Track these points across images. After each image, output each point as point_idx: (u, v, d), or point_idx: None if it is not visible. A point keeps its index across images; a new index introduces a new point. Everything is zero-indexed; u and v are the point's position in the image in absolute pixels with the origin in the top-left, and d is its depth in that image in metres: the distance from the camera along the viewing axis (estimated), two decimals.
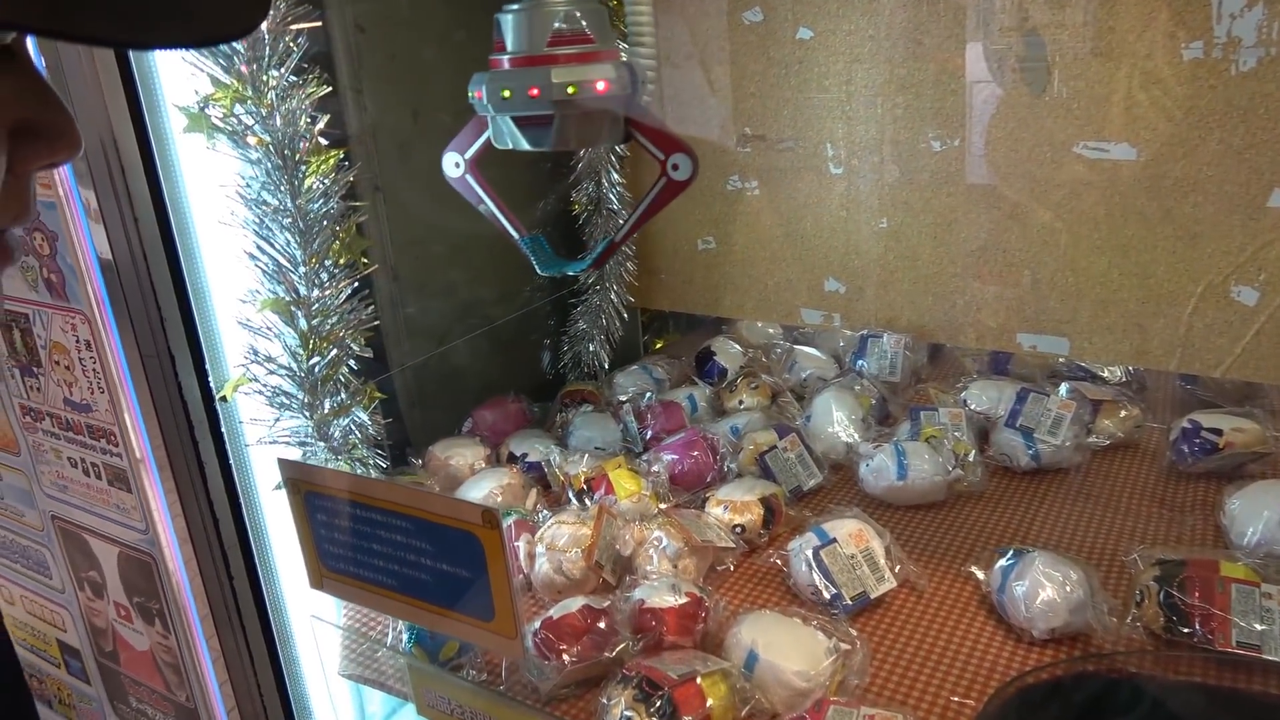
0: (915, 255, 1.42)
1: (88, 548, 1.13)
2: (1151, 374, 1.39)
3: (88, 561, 1.15)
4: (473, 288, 1.47)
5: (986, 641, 0.93)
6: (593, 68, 0.82)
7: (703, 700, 0.79)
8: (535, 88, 0.81)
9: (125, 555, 1.08)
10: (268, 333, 0.85)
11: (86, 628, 1.22)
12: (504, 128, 0.85)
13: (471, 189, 0.97)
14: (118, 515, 1.04)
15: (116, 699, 1.25)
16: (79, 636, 1.25)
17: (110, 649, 1.21)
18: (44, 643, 1.32)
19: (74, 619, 1.23)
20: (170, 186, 0.80)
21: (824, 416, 1.29)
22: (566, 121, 0.83)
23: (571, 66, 0.81)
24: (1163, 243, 1.23)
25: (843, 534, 0.99)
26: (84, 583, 1.19)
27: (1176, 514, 1.11)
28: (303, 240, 0.81)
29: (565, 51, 0.82)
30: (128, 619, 1.14)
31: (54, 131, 0.38)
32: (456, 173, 0.97)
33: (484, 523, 0.70)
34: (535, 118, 0.83)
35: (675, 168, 0.87)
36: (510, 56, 0.82)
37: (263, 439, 0.86)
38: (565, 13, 0.82)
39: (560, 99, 0.80)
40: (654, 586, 0.93)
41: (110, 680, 1.24)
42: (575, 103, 0.81)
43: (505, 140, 0.86)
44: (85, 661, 1.27)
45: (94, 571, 1.15)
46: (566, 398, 1.49)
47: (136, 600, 1.10)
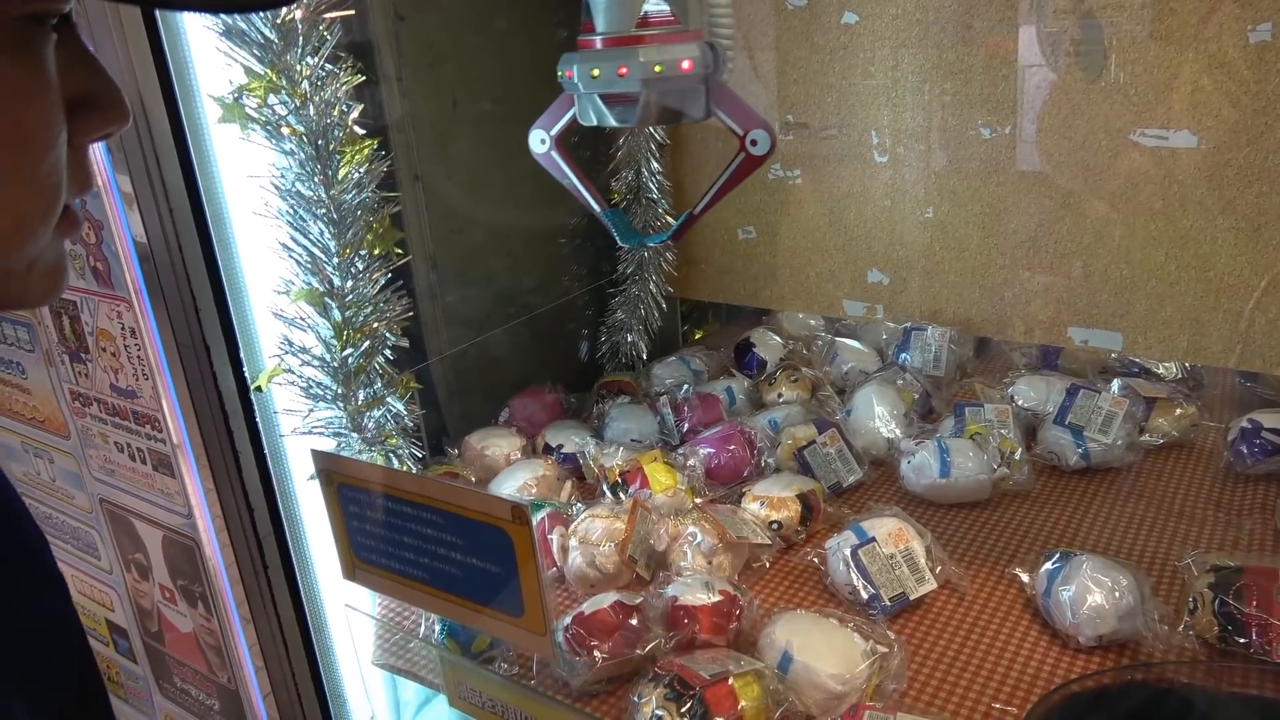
0: (962, 246, 1.38)
1: (134, 530, 1.15)
2: (1209, 371, 1.34)
3: (134, 544, 1.17)
4: (511, 277, 1.46)
5: (1030, 647, 0.90)
6: (678, 47, 0.85)
7: (735, 701, 0.78)
8: (624, 67, 0.84)
9: (169, 539, 1.09)
10: (302, 324, 0.85)
11: (133, 608, 1.25)
12: (590, 105, 0.88)
13: (557, 164, 1.00)
14: (162, 499, 1.06)
15: (162, 678, 1.28)
16: (126, 617, 1.27)
17: (156, 629, 1.23)
18: (94, 622, 1.35)
19: (121, 600, 1.26)
20: (205, 177, 0.81)
21: (865, 411, 1.26)
22: (652, 99, 0.87)
23: (658, 46, 0.84)
24: (1223, 234, 1.18)
25: (882, 533, 0.97)
26: (130, 564, 1.21)
27: (1233, 518, 1.07)
28: (336, 231, 0.81)
29: (652, 32, 0.85)
30: (172, 601, 1.15)
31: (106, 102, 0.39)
32: (542, 149, 1.00)
33: (514, 519, 0.70)
34: (622, 95, 0.86)
35: (754, 143, 0.90)
36: (600, 36, 0.86)
37: (297, 430, 0.87)
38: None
39: (647, 77, 0.84)
40: (687, 583, 0.91)
41: (156, 660, 1.26)
42: (661, 81, 0.85)
43: (590, 117, 0.89)
44: (132, 641, 1.29)
45: (140, 554, 1.17)
46: (603, 388, 1.48)
47: (180, 583, 1.12)
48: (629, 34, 0.85)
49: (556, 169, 1.00)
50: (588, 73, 0.86)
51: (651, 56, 0.84)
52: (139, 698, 1.35)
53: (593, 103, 0.88)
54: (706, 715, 0.77)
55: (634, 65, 0.84)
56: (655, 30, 0.85)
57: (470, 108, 1.33)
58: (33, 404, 1.20)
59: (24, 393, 1.21)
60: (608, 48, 0.86)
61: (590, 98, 0.87)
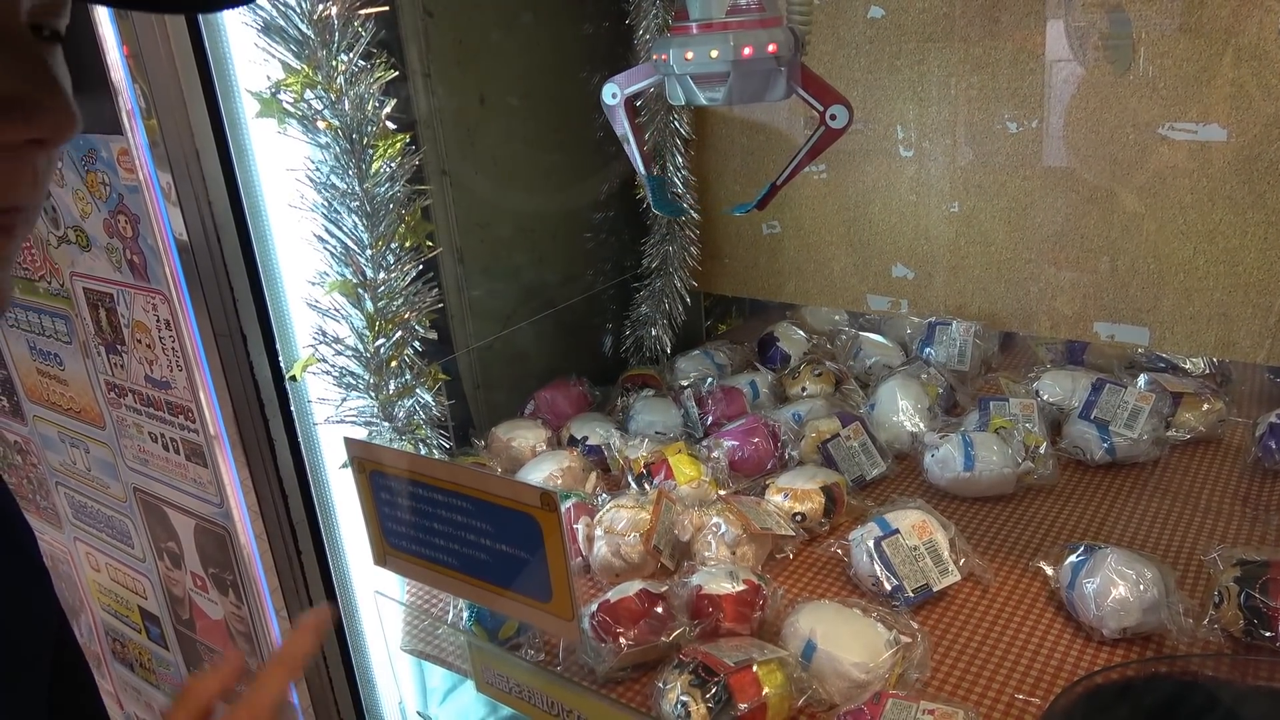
0: (988, 240, 1.38)
1: (166, 519, 1.17)
2: (1237, 366, 1.33)
3: (166, 532, 1.19)
4: (537, 271, 1.47)
5: (1054, 639, 0.90)
6: (765, 32, 0.92)
7: (759, 688, 0.79)
8: (715, 50, 0.91)
9: (201, 528, 1.11)
10: (335, 314, 0.86)
11: (165, 596, 1.27)
12: (681, 86, 0.96)
13: (620, 120, 1.07)
14: (194, 489, 1.07)
15: (192, 665, 1.30)
16: (158, 604, 1.29)
17: (187, 617, 1.25)
18: (126, 608, 1.37)
19: (154, 587, 1.28)
20: (243, 170, 0.82)
21: (889, 405, 1.27)
22: (740, 78, 0.94)
23: (747, 32, 0.92)
24: (1254, 228, 1.17)
25: (906, 525, 0.97)
26: (163, 553, 1.23)
27: (1260, 513, 1.07)
28: (370, 223, 0.83)
29: (741, 19, 0.92)
30: (203, 589, 1.17)
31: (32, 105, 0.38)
32: (613, 102, 1.06)
33: (542, 505, 0.71)
34: (712, 76, 0.94)
35: (834, 117, 0.97)
36: (694, 23, 0.94)
37: (330, 418, 0.88)
38: None
39: (737, 59, 0.91)
40: (712, 573, 0.92)
41: (187, 647, 1.28)
42: (749, 63, 0.92)
43: (679, 97, 0.97)
44: (164, 628, 1.31)
45: (172, 542, 1.19)
46: (628, 382, 1.49)
47: (212, 571, 1.14)
48: (720, 20, 0.92)
49: (619, 123, 1.07)
50: (682, 55, 0.93)
51: (742, 41, 0.91)
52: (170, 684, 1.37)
53: (684, 83, 0.95)
54: (731, 701, 0.78)
55: (725, 49, 0.91)
56: (744, 17, 0.92)
57: (498, 104, 1.34)
58: (69, 394, 1.22)
59: (61, 383, 1.23)
60: (701, 33, 0.93)
61: (683, 79, 0.94)
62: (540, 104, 1.41)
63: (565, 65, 1.42)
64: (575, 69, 1.44)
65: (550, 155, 1.46)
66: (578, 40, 1.45)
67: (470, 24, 1.28)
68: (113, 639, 1.45)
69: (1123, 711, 0.80)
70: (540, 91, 1.40)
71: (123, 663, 1.46)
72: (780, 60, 0.94)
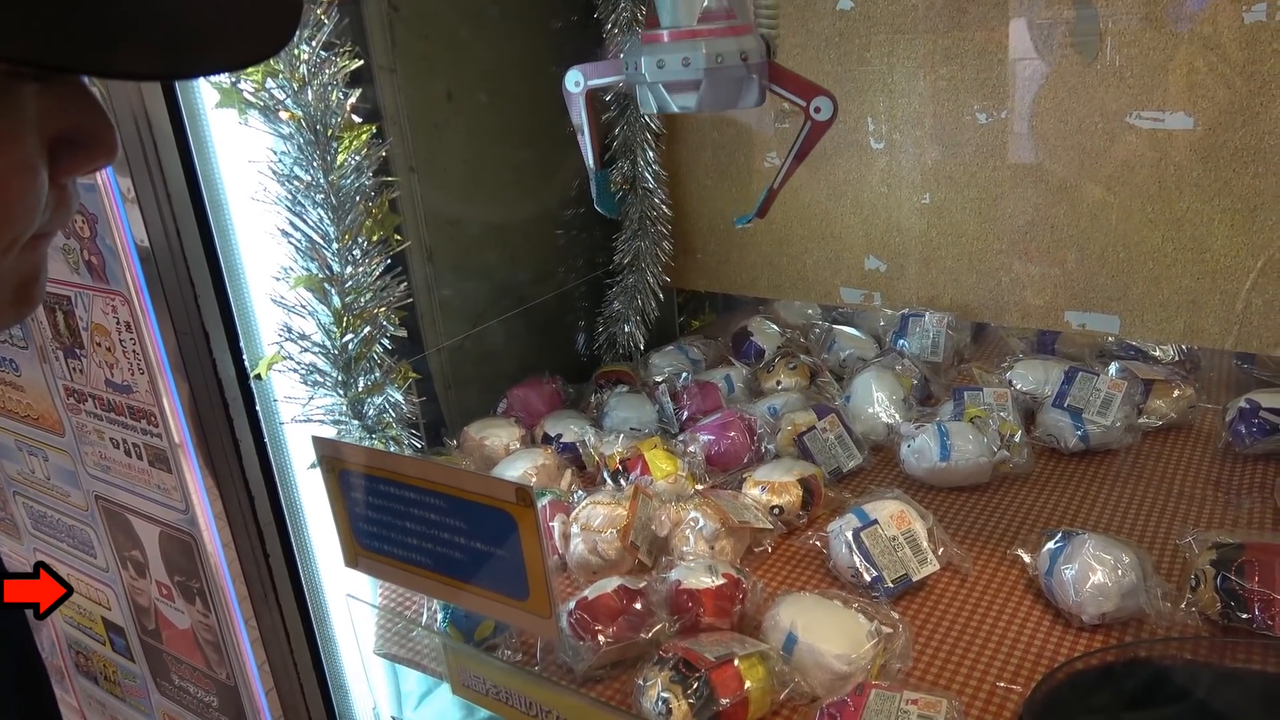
0: (959, 232, 1.38)
1: (130, 527, 1.14)
2: (1205, 353, 1.34)
3: (130, 541, 1.16)
4: (508, 268, 1.46)
5: (1034, 626, 0.90)
6: (737, 40, 0.92)
7: (740, 682, 0.78)
8: (687, 58, 0.92)
9: (166, 535, 1.08)
10: (301, 310, 0.84)
11: (130, 606, 1.24)
12: (652, 93, 0.96)
13: (578, 109, 1.07)
14: (159, 495, 1.05)
15: (159, 676, 1.27)
16: (123, 615, 1.26)
17: (153, 627, 1.22)
18: (90, 620, 1.33)
19: (118, 597, 1.24)
20: (203, 163, 0.80)
21: (864, 397, 1.26)
22: (712, 85, 0.94)
23: (718, 39, 0.92)
24: (1220, 215, 1.18)
25: (884, 515, 0.97)
26: (127, 561, 1.20)
27: (1232, 496, 1.07)
28: (335, 216, 0.81)
29: (712, 26, 0.93)
30: (169, 598, 1.14)
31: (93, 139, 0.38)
32: (575, 90, 1.05)
33: (518, 500, 0.69)
34: (683, 83, 0.94)
35: (818, 110, 0.95)
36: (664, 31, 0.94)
37: (297, 417, 0.86)
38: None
39: (710, 67, 0.91)
40: (690, 567, 0.91)
41: (153, 658, 1.25)
42: (721, 70, 0.92)
43: (650, 104, 0.96)
44: (129, 639, 1.28)
45: (136, 551, 1.16)
46: (602, 378, 1.48)
47: (178, 579, 1.11)
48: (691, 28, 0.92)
49: (576, 112, 1.07)
50: (654, 63, 0.93)
51: (713, 48, 0.91)
52: (136, 696, 1.34)
53: (655, 90, 0.95)
54: (712, 697, 0.76)
55: (696, 56, 0.91)
56: (715, 24, 0.92)
57: (466, 100, 1.33)
58: (26, 401, 1.19)
59: (17, 390, 1.19)
60: (672, 40, 0.92)
61: (654, 86, 0.94)
62: (508, 100, 1.40)
63: (533, 61, 1.40)
64: (544, 64, 1.42)
65: (519, 152, 1.45)
66: (545, 35, 1.43)
67: (436, 18, 1.26)
68: (76, 651, 1.41)
69: (1104, 696, 0.80)
70: (508, 87, 1.38)
71: (86, 676, 1.42)
72: (751, 67, 0.94)
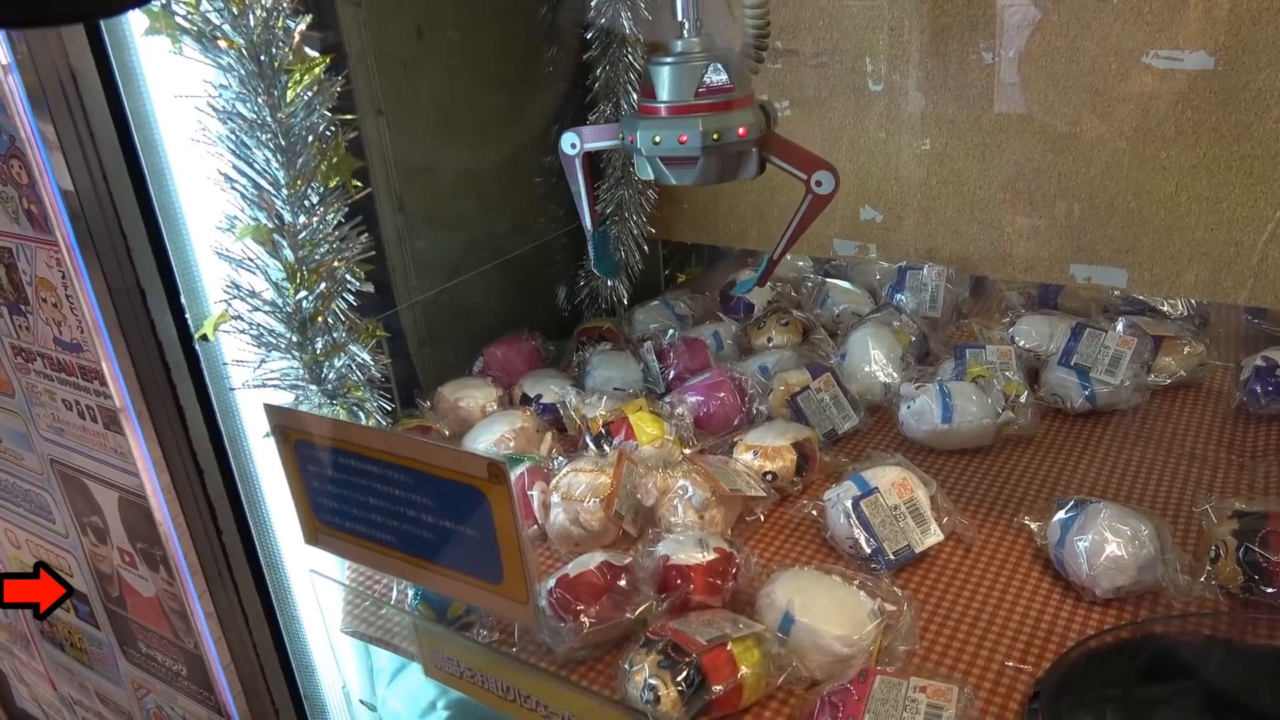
0: (960, 180, 1.31)
1: (88, 492, 1.08)
2: (1215, 308, 1.29)
3: (89, 506, 1.10)
4: (484, 219, 1.38)
5: (1043, 601, 0.85)
6: (734, 115, 0.91)
7: (734, 668, 0.72)
8: (684, 135, 0.91)
9: (126, 500, 1.02)
10: (249, 264, 0.76)
11: (92, 573, 1.18)
12: (650, 165, 0.96)
13: (574, 171, 1.08)
14: (115, 460, 0.98)
15: (126, 644, 1.22)
16: (86, 581, 1.21)
17: (117, 594, 1.17)
18: None
19: (79, 564, 1.19)
20: (133, 99, 0.71)
21: (860, 355, 1.20)
22: (709, 162, 0.94)
23: (715, 115, 0.91)
24: (1239, 163, 1.12)
25: (885, 483, 0.91)
26: (87, 527, 1.14)
27: (1246, 460, 1.02)
28: (285, 159, 0.72)
29: (710, 101, 0.92)
30: (132, 565, 1.09)
31: None
32: (571, 152, 1.07)
33: (489, 477, 0.62)
34: (681, 159, 0.93)
35: (819, 184, 0.95)
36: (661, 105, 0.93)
37: (248, 382, 0.78)
38: (710, 66, 0.92)
39: (706, 145, 0.91)
40: (679, 541, 0.85)
41: (119, 626, 1.20)
42: (719, 148, 0.92)
43: (647, 172, 0.97)
44: (93, 606, 1.23)
45: (96, 516, 1.11)
46: (583, 335, 1.41)
47: (140, 546, 1.05)
48: (689, 103, 0.91)
49: (573, 175, 1.08)
50: (650, 139, 0.92)
51: (710, 125, 0.90)
52: (104, 664, 1.29)
53: (653, 163, 0.95)
54: (704, 684, 0.71)
55: (694, 134, 0.90)
56: (713, 99, 0.91)
57: (437, 37, 1.23)
58: None
59: None
60: (669, 115, 0.92)
61: (652, 159, 0.94)
62: (484, 38, 1.30)
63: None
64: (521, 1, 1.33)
65: (495, 94, 1.36)
66: None
67: None
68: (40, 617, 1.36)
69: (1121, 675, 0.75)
70: (484, 24, 1.29)
71: (52, 642, 1.38)
72: (750, 142, 0.93)
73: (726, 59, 0.93)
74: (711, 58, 0.92)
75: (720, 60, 0.93)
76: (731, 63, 0.94)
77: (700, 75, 0.91)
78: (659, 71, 0.93)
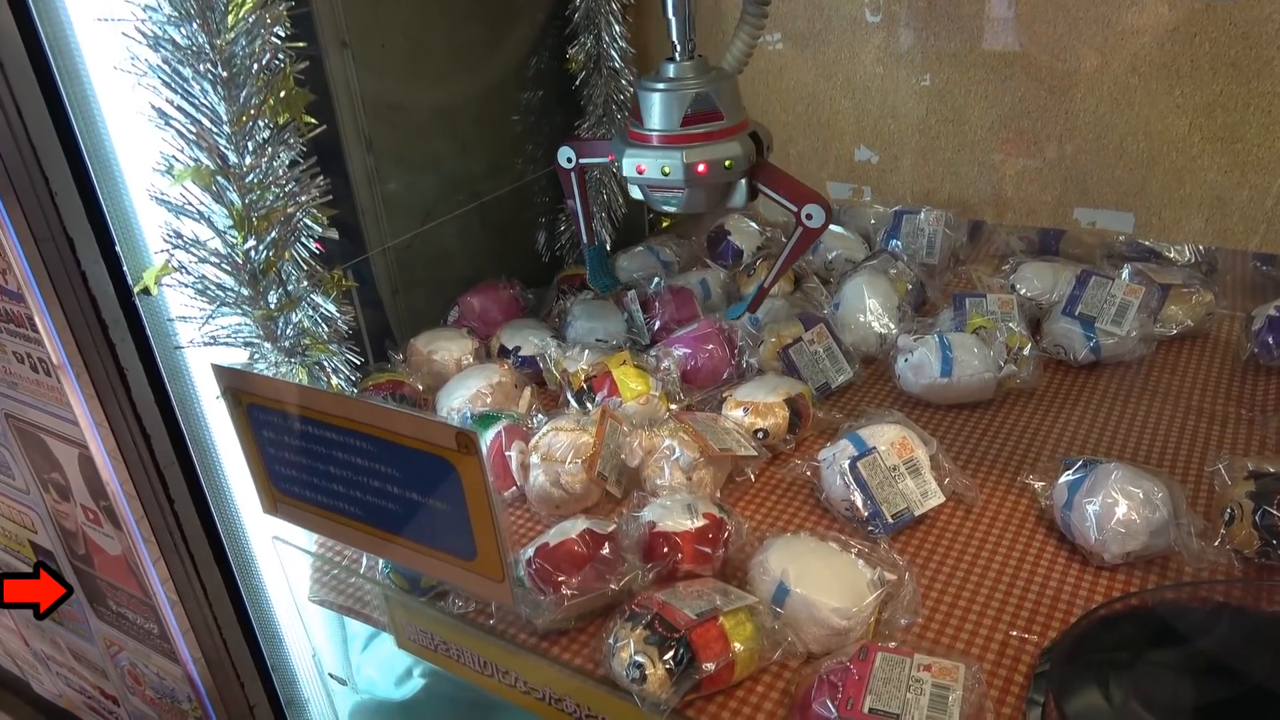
0: (961, 118, 1.24)
1: (46, 448, 1.03)
2: (1223, 254, 1.23)
3: (49, 463, 1.05)
4: (458, 159, 1.30)
5: (1047, 566, 0.80)
6: (721, 145, 0.89)
7: (725, 643, 0.68)
8: (668, 166, 0.89)
9: (85, 457, 0.96)
10: (191, 210, 0.69)
11: (56, 530, 1.14)
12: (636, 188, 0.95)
13: (570, 184, 1.07)
14: (72, 415, 0.92)
15: (96, 601, 1.18)
16: (50, 539, 1.16)
17: (83, 552, 1.12)
18: (17, 544, 1.22)
19: (42, 521, 1.14)
20: (49, 23, 0.63)
21: (855, 304, 1.14)
22: (695, 192, 0.92)
23: (701, 146, 0.89)
24: (1257, 100, 1.06)
25: (883, 442, 0.86)
26: (48, 484, 1.09)
27: (1258, 416, 0.98)
28: (226, 92, 0.65)
29: (697, 130, 0.89)
30: (97, 522, 1.04)
31: None
32: (567, 166, 1.05)
33: (459, 447, 0.57)
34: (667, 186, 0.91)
35: (809, 217, 0.92)
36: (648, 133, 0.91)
37: (195, 341, 0.72)
38: (698, 95, 0.88)
39: (690, 177, 0.89)
40: (666, 506, 0.80)
41: (87, 583, 1.16)
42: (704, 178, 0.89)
43: (635, 193, 0.95)
44: (60, 564, 1.19)
45: (56, 473, 1.05)
46: (564, 283, 1.34)
47: (103, 504, 1.00)
48: (675, 133, 0.88)
49: (569, 187, 1.08)
50: (634, 166, 0.90)
51: (695, 157, 0.88)
52: (74, 621, 1.25)
53: (640, 188, 0.94)
54: (694, 661, 0.66)
55: (677, 166, 0.88)
56: (700, 128, 0.88)
57: None
58: None
59: None
60: (659, 144, 0.89)
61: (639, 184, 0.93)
62: None
63: None
64: None
65: (469, 26, 1.27)
66: None
67: None
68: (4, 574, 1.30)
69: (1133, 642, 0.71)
70: None
71: None
72: (738, 173, 0.90)
73: (717, 85, 0.90)
74: (701, 85, 0.89)
75: (710, 88, 0.89)
76: (723, 89, 0.90)
77: (687, 103, 0.88)
78: (647, 97, 0.90)
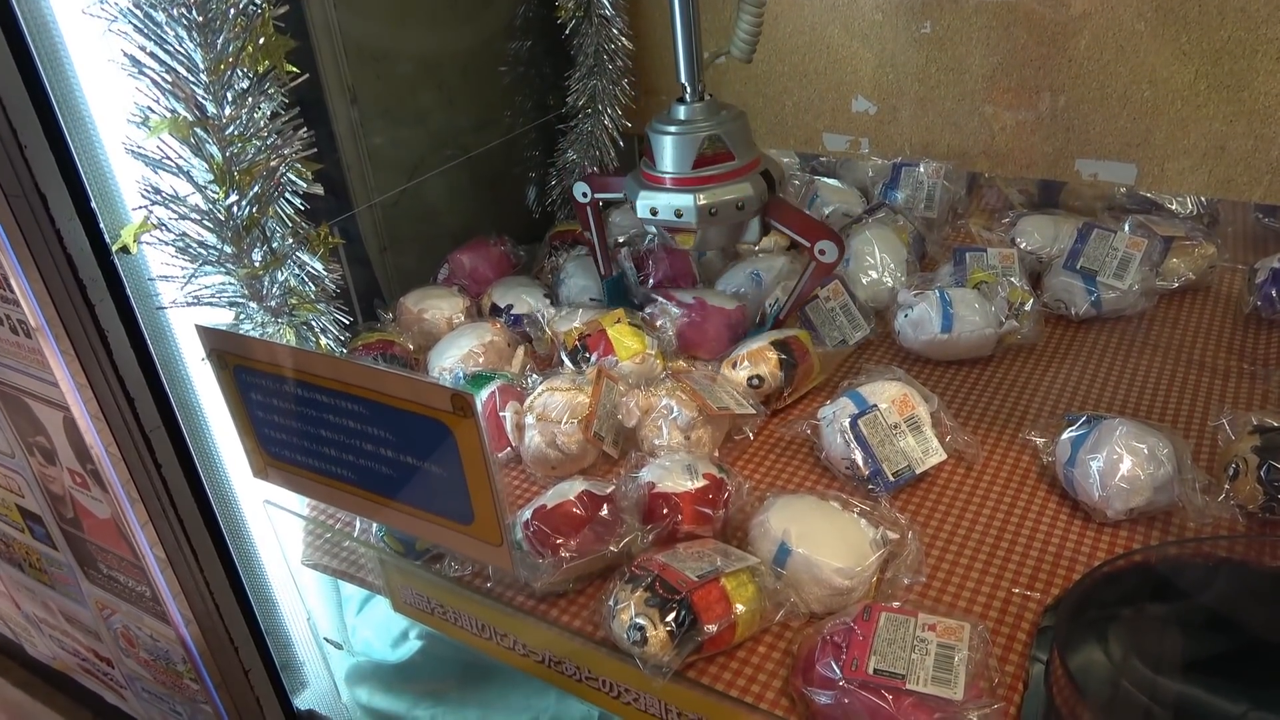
0: (961, 67, 1.21)
1: (30, 412, 1.01)
2: (1225, 206, 1.21)
3: (33, 427, 1.03)
4: (446, 112, 1.27)
5: (1050, 523, 0.80)
6: (732, 186, 0.91)
7: (727, 605, 0.67)
8: (680, 209, 0.91)
9: (69, 420, 0.94)
10: (170, 164, 0.66)
11: (44, 494, 1.12)
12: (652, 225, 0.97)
13: (586, 218, 1.09)
14: (54, 378, 0.89)
15: (86, 565, 1.16)
16: (38, 503, 1.14)
17: (71, 516, 1.11)
18: (4, 507, 1.21)
19: (29, 484, 1.12)
20: None
21: (864, 259, 1.12)
22: (708, 231, 0.94)
23: (713, 188, 0.91)
24: (1265, 46, 1.03)
25: (884, 400, 0.84)
26: (33, 448, 1.07)
27: (1260, 369, 0.97)
28: (202, 38, 0.61)
29: (709, 172, 0.91)
30: (84, 486, 1.02)
31: None
32: (583, 200, 1.08)
33: (454, 409, 0.55)
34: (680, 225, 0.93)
35: (822, 253, 0.94)
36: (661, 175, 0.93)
37: (177, 301, 0.69)
38: (709, 137, 0.90)
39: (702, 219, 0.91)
40: (665, 467, 0.79)
41: (77, 547, 1.15)
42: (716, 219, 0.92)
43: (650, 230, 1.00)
44: (49, 528, 1.18)
45: (41, 436, 1.03)
46: (556, 239, 1.32)
47: (90, 467, 0.98)
48: (687, 175, 0.90)
49: (585, 221, 1.10)
50: (647, 209, 0.92)
51: (707, 199, 0.90)
52: (65, 584, 1.24)
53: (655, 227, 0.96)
54: (696, 623, 0.65)
55: (689, 209, 0.90)
56: (712, 169, 0.90)
57: None
58: None
59: None
60: (669, 186, 0.91)
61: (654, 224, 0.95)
62: None
63: None
64: None
65: None
66: None
67: None
68: None
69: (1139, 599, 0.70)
70: None
71: (11, 563, 1.32)
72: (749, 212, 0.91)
73: (728, 126, 0.91)
74: (713, 127, 0.90)
75: (721, 129, 0.90)
76: (733, 129, 0.91)
77: (699, 146, 0.89)
78: (659, 140, 0.91)
